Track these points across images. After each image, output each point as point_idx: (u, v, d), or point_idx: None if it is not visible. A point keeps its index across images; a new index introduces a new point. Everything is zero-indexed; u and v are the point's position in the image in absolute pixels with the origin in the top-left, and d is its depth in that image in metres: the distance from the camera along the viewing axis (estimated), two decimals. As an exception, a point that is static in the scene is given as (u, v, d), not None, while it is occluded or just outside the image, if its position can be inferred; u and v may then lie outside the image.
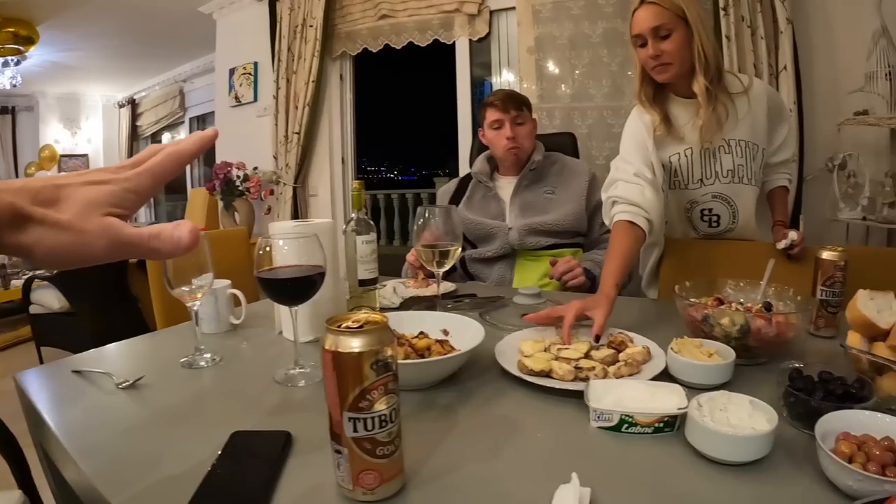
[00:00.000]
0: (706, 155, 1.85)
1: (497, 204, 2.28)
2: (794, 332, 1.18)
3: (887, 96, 2.77)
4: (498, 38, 4.07)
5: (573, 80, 3.68)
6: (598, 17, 3.56)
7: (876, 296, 1.08)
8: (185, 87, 7.88)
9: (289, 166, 4.62)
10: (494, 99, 2.30)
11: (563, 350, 1.15)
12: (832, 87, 3.12)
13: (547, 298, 1.57)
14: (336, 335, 0.68)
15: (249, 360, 1.33)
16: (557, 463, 0.81)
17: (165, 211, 9.08)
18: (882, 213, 2.88)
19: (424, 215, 1.49)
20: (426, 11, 4.08)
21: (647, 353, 1.15)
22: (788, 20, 2.98)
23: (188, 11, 5.36)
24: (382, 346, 0.69)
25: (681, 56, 1.70)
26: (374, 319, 0.72)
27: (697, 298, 1.37)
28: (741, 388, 0.98)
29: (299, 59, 4.50)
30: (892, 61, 2.76)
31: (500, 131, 2.26)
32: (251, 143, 4.98)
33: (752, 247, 1.94)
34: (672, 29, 1.68)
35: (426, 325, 1.26)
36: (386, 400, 0.70)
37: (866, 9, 2.87)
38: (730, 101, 1.80)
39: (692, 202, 1.93)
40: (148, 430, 0.96)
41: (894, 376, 0.95)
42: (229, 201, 4.79)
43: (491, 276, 2.21)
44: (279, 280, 1.08)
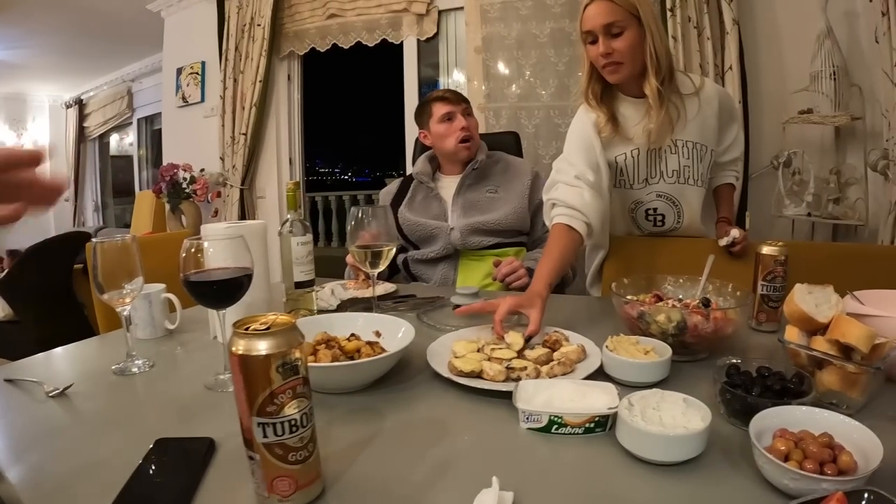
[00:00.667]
0: (652, 155, 1.83)
1: (439, 204, 2.25)
2: (733, 328, 1.16)
3: (832, 95, 2.81)
4: (446, 37, 4.05)
5: (521, 79, 3.68)
6: (546, 17, 3.57)
7: (814, 290, 1.07)
8: (133, 87, 7.67)
9: (236, 168, 4.53)
10: (441, 93, 2.29)
11: (496, 350, 1.12)
12: (777, 87, 3.16)
13: (485, 297, 1.54)
14: (242, 338, 0.66)
15: (182, 366, 1.29)
16: (483, 466, 0.78)
17: (114, 214, 8.85)
18: (827, 209, 2.91)
19: (358, 216, 1.45)
20: (374, 11, 4.04)
21: (581, 351, 1.12)
22: (735, 21, 3.01)
23: (136, 9, 5.22)
24: (290, 347, 0.66)
25: (632, 55, 1.66)
26: (282, 321, 0.69)
27: (636, 295, 1.36)
28: (678, 385, 0.96)
29: (246, 58, 4.41)
30: (837, 62, 2.79)
31: (453, 123, 2.23)
32: (198, 144, 4.88)
33: (694, 243, 1.93)
34: (624, 27, 1.63)
35: (358, 326, 1.23)
36: (296, 404, 0.67)
37: (812, 10, 2.91)
38: (680, 102, 1.77)
39: (637, 202, 1.92)
40: (74, 438, 0.92)
41: (834, 370, 0.95)
42: (176, 204, 4.68)
43: (434, 276, 2.19)
44: (204, 283, 1.04)
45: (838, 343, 0.96)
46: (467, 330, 1.31)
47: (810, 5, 2.93)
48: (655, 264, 1.86)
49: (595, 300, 1.90)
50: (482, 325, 1.32)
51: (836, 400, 0.94)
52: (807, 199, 2.91)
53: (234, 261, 1.05)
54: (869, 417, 0.87)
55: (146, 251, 1.23)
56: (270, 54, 4.34)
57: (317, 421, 0.71)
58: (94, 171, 8.68)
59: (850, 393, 0.93)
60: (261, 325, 0.68)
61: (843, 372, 0.93)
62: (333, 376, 1.02)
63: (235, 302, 1.08)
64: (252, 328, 0.67)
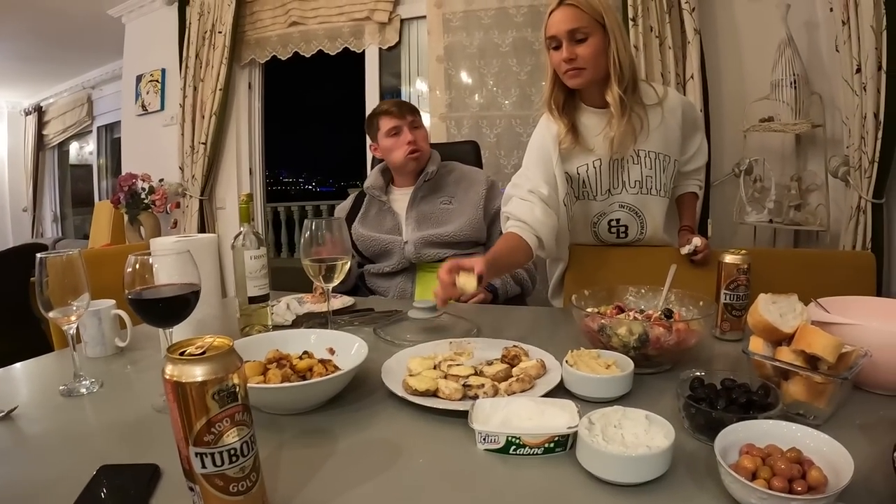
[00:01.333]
0: (614, 165, 1.80)
1: (392, 218, 2.22)
2: (696, 339, 1.14)
3: (792, 103, 2.84)
4: (408, 46, 4.03)
5: (483, 88, 3.67)
6: (509, 26, 3.56)
7: (778, 299, 1.06)
8: (93, 94, 7.49)
9: (195, 178, 4.44)
10: (387, 106, 2.25)
11: (452, 367, 1.08)
12: (738, 95, 3.18)
13: (443, 311, 1.50)
14: (176, 363, 0.62)
15: (131, 386, 1.23)
16: (439, 490, 0.75)
17: (73, 224, 8.66)
18: (788, 215, 2.94)
19: (311, 228, 1.40)
20: (337, 19, 4.01)
21: (541, 366, 1.09)
22: (696, 30, 3.02)
23: (97, 14, 5.09)
24: (227, 373, 0.62)
25: (595, 62, 1.64)
26: (219, 344, 0.65)
27: (597, 307, 1.33)
28: (642, 399, 0.94)
29: (207, 66, 4.33)
30: (797, 70, 2.83)
31: (399, 137, 2.20)
32: (157, 153, 4.78)
33: (656, 252, 1.92)
34: (589, 33, 1.62)
35: (312, 343, 1.19)
36: (236, 432, 0.63)
37: (772, 20, 2.94)
38: (643, 113, 1.75)
39: (600, 213, 1.88)
40: (16, 464, 0.87)
41: (800, 381, 0.93)
42: (134, 215, 4.58)
43: (391, 290, 2.15)
44: (149, 301, 1.00)
45: (804, 353, 0.94)
46: (424, 345, 1.28)
47: (771, 15, 2.97)
48: (617, 274, 1.84)
49: (557, 311, 1.88)
50: (439, 340, 1.29)
51: (803, 410, 0.92)
52: (768, 206, 2.94)
53: (181, 277, 1.01)
54: (837, 427, 0.86)
55: (101, 264, 1.19)
56: (231, 62, 4.27)
57: (266, 443, 0.67)
58: (52, 180, 8.46)
59: (817, 403, 0.91)
60: (196, 349, 0.64)
61: (809, 382, 0.91)
62: (284, 397, 0.98)
63: (182, 320, 1.04)
64: (187, 352, 0.63)
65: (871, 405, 0.99)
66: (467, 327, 1.50)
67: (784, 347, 0.99)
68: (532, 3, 3.49)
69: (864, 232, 2.60)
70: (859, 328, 1.04)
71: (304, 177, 32.31)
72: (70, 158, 8.49)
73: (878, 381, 1.03)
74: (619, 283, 1.42)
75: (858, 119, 2.54)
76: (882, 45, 2.41)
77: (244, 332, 1.50)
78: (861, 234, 2.61)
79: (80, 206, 8.63)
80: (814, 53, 3.03)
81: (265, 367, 1.03)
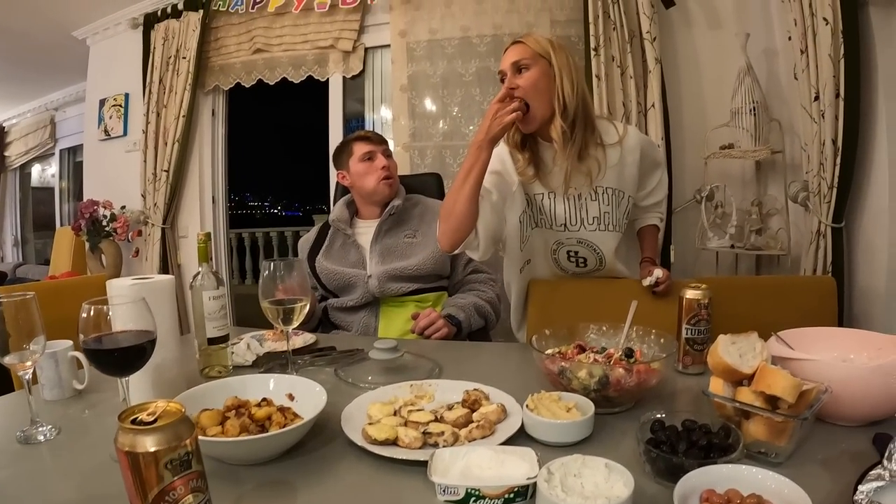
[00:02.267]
0: (572, 201, 1.83)
1: (357, 251, 2.20)
2: (658, 378, 1.14)
3: (752, 130, 2.88)
4: (372, 74, 4.03)
5: (446, 118, 3.67)
6: (472, 55, 3.57)
7: (738, 339, 1.06)
8: (56, 117, 7.35)
9: (157, 206, 4.36)
10: (363, 133, 2.26)
11: (413, 412, 1.07)
12: (699, 123, 3.23)
13: (405, 351, 1.49)
14: (127, 433, 0.61)
15: (89, 432, 1.19)
16: None
17: (34, 249, 8.47)
18: (750, 239, 2.98)
19: (269, 268, 1.38)
20: (301, 47, 3.98)
21: (501, 411, 1.08)
22: (657, 60, 3.06)
23: (62, 35, 4.98)
24: (180, 441, 0.61)
25: (534, 92, 1.67)
26: (171, 411, 0.63)
27: (558, 347, 1.33)
28: (604, 442, 0.93)
29: (170, 91, 4.27)
30: (757, 97, 2.87)
31: (373, 163, 2.19)
32: (120, 180, 4.68)
33: (619, 284, 1.94)
34: (530, 65, 1.68)
35: (271, 389, 1.17)
36: (191, 498, 0.62)
37: (732, 48, 2.99)
38: (602, 153, 1.77)
39: (558, 243, 1.91)
40: None
41: (761, 420, 0.93)
42: (95, 243, 4.47)
43: (355, 325, 2.12)
44: (103, 350, 0.97)
45: (764, 394, 0.95)
46: (385, 388, 1.26)
47: (730, 44, 3.02)
48: (580, 308, 1.86)
49: (519, 348, 1.86)
50: (400, 383, 1.28)
51: (765, 449, 0.93)
52: (730, 232, 2.97)
53: (136, 323, 0.99)
54: (799, 464, 0.88)
55: (59, 297, 1.15)
56: (195, 88, 4.22)
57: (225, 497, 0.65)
58: (13, 203, 8.25)
59: (778, 442, 0.92)
60: (148, 415, 0.63)
61: (770, 422, 0.92)
62: (242, 450, 0.96)
63: (138, 369, 1.02)
64: (139, 418, 0.62)
65: (834, 437, 1.00)
66: (429, 367, 1.48)
67: (744, 388, 1.00)
68: (495, 32, 3.51)
69: (825, 256, 2.63)
70: (819, 363, 1.05)
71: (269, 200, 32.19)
72: (32, 181, 8.31)
73: (840, 414, 1.05)
74: (583, 318, 1.42)
75: (817, 145, 2.58)
76: (840, 74, 2.46)
77: (204, 373, 1.47)
78: (822, 258, 2.65)
79: (41, 230, 8.43)
80: (773, 81, 3.09)
81: (224, 417, 1.01)
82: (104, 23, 4.83)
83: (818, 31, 2.51)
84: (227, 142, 4.60)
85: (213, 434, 0.96)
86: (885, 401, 1.02)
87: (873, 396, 1.02)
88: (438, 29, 3.60)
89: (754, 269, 3.16)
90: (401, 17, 3.66)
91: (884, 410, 1.04)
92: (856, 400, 1.02)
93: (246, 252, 7.25)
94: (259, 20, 4.05)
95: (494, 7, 3.51)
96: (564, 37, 3.40)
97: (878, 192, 2.57)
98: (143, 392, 1.22)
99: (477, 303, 2.09)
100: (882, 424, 1.03)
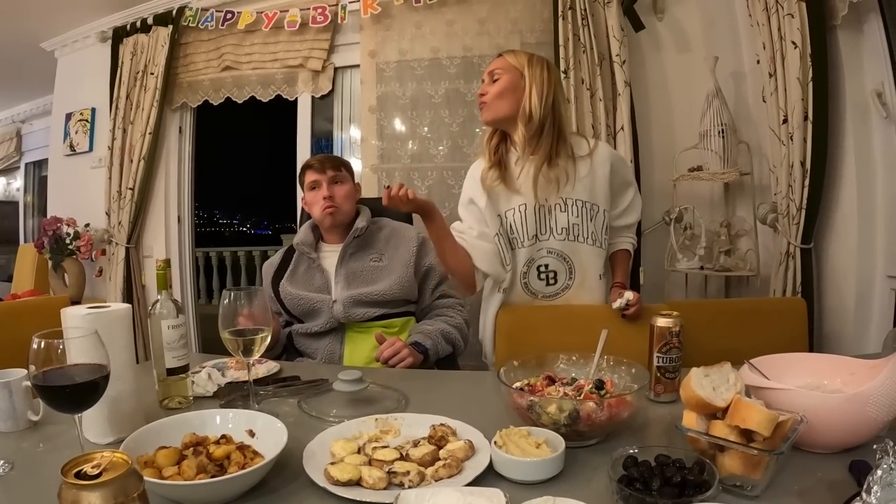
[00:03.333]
0: (542, 212, 1.93)
1: (321, 275, 2.15)
2: (629, 411, 1.13)
3: (720, 152, 2.91)
4: (342, 94, 4.01)
5: (415, 139, 3.66)
6: (442, 77, 3.57)
7: (710, 371, 1.04)
8: (23, 129, 7.21)
9: (122, 224, 4.26)
10: (312, 161, 2.23)
11: (377, 449, 1.04)
12: (668, 145, 3.26)
13: (370, 382, 1.46)
14: (70, 489, 0.58)
15: (43, 467, 1.13)
16: None
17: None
18: (719, 261, 3.00)
19: (229, 297, 1.34)
20: (270, 65, 3.95)
21: (469, 448, 1.06)
22: (626, 83, 3.09)
23: (30, 46, 4.87)
24: (127, 496, 0.59)
25: (500, 98, 1.88)
26: (116, 462, 0.61)
27: (527, 378, 1.30)
28: (575, 478, 0.91)
29: (137, 107, 4.19)
30: (725, 120, 2.91)
31: (317, 192, 2.16)
32: (84, 196, 4.58)
33: (589, 311, 1.94)
34: (502, 74, 1.89)
35: (231, 425, 1.14)
36: None
37: (700, 71, 3.03)
38: (572, 164, 1.91)
39: (529, 261, 1.97)
40: None
41: (736, 454, 0.92)
42: (59, 261, 4.37)
43: (320, 351, 2.07)
44: (54, 387, 0.94)
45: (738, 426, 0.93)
46: (349, 423, 1.23)
47: (699, 67, 3.06)
48: (549, 333, 1.87)
49: (488, 377, 1.80)
50: (364, 417, 1.25)
51: (740, 482, 0.92)
52: (699, 253, 2.99)
53: (90, 356, 0.95)
54: (775, 496, 0.88)
55: (19, 318, 1.09)
56: (162, 105, 4.15)
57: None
58: (-23, 216, 8.09)
59: (754, 475, 0.91)
60: (93, 467, 0.60)
61: (745, 455, 0.90)
62: (199, 494, 0.93)
63: (91, 406, 0.98)
64: (84, 471, 0.59)
65: (810, 465, 0.99)
66: (395, 398, 1.45)
67: (718, 421, 0.98)
68: (465, 54, 3.52)
69: (794, 277, 2.66)
70: (794, 393, 1.05)
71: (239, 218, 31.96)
72: (-4, 194, 8.15)
73: (816, 442, 1.04)
74: (553, 346, 1.40)
75: (786, 167, 2.61)
76: (808, 97, 2.50)
77: (163, 404, 1.42)
78: (791, 279, 2.67)
79: (4, 245, 8.22)
80: (741, 103, 3.13)
81: (181, 455, 0.98)
82: (73, 35, 4.74)
83: (787, 54, 2.55)
84: (194, 160, 4.52)
85: (170, 475, 0.93)
86: (860, 428, 1.03)
87: (849, 424, 1.02)
88: (408, 50, 3.61)
89: (724, 290, 3.18)
90: (371, 37, 3.66)
91: (859, 437, 1.04)
92: (832, 428, 1.02)
93: (213, 271, 7.14)
94: (229, 37, 4.01)
95: (465, 29, 3.52)
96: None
97: (847, 213, 2.61)
98: (99, 427, 1.18)
99: (444, 329, 2.05)
100: (857, 451, 1.03)
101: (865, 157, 2.55)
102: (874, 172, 2.54)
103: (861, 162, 2.56)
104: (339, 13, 3.69)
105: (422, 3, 3.47)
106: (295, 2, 3.83)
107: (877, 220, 2.54)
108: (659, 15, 3.34)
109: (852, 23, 2.49)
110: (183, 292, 4.53)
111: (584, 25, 3.13)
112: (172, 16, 4.08)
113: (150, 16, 4.19)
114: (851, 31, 2.52)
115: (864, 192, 2.55)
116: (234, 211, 31.46)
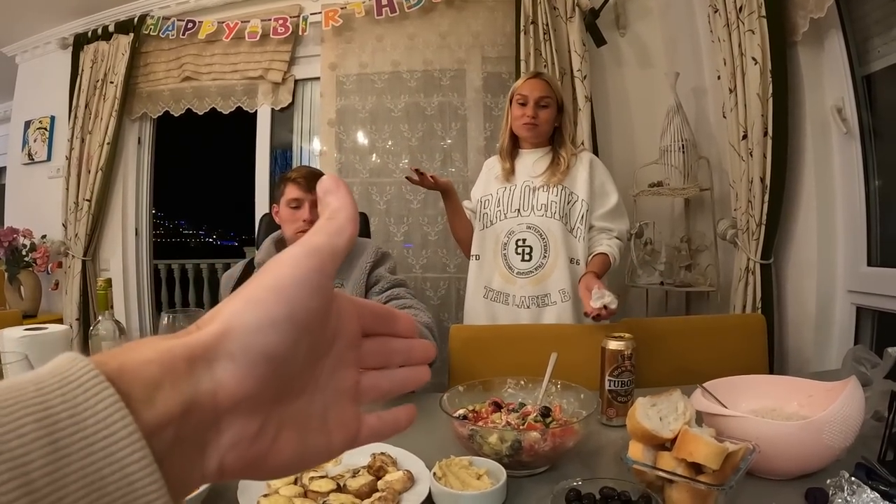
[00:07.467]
0: (527, 191, 2.22)
1: None
2: (575, 439, 1.10)
3: (681, 167, 2.92)
4: (302, 106, 3.98)
5: (373, 154, 3.65)
6: (402, 90, 3.56)
7: (658, 400, 1.02)
8: (-20, 136, 7.05)
9: (78, 237, 4.14)
10: (297, 175, 2.12)
11: (314, 479, 1.00)
12: (629, 161, 3.28)
13: None
14: None
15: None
16: None
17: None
18: (679, 276, 3.01)
19: (168, 319, 1.30)
20: (230, 77, 3.89)
21: (408, 479, 1.03)
22: (587, 98, 3.10)
23: None
24: None
25: (549, 125, 2.22)
26: None
27: (472, 404, 1.27)
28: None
29: (96, 117, 4.10)
30: (686, 135, 2.92)
31: (298, 212, 2.07)
32: (42, 207, 4.46)
33: (542, 331, 1.97)
34: (549, 104, 2.19)
35: None
36: None
37: (661, 87, 3.05)
38: (564, 158, 2.23)
39: (510, 232, 2.21)
40: None
41: (684, 487, 0.90)
42: (14, 273, 4.25)
43: None
44: None
45: (686, 460, 0.91)
46: None
47: (660, 82, 3.07)
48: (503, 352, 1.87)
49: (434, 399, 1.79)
50: None
51: None
52: (659, 269, 3.00)
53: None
54: None
55: None
56: (122, 115, 4.07)
57: None
58: (-68, 224, 7.85)
59: (703, 507, 0.88)
60: None
61: (693, 489, 0.88)
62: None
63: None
64: None
65: (764, 493, 0.98)
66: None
67: (666, 453, 0.96)
68: (426, 68, 3.52)
69: (754, 292, 2.65)
70: (748, 421, 1.03)
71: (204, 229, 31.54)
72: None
73: (770, 469, 1.03)
74: (505, 366, 1.38)
75: (745, 183, 2.62)
76: (768, 113, 2.50)
77: None
78: (751, 295, 2.67)
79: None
80: (702, 119, 3.15)
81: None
82: (34, 41, 4.63)
83: (747, 70, 2.55)
84: (153, 171, 4.43)
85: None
86: (816, 456, 1.02)
87: (804, 452, 1.01)
88: (369, 63, 3.59)
89: (684, 305, 3.18)
90: (332, 49, 3.64)
91: (815, 465, 1.03)
92: (787, 456, 1.01)
93: (175, 284, 6.98)
94: (189, 47, 3.96)
95: (426, 43, 3.51)
96: (496, 73, 3.44)
97: (806, 229, 2.62)
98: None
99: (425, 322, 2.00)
100: (813, 477, 1.02)
101: (825, 172, 2.56)
102: (833, 188, 2.55)
103: (820, 177, 2.57)
104: (301, 25, 3.68)
105: (383, 16, 3.46)
106: (256, 13, 3.80)
107: (837, 236, 2.55)
108: (621, 31, 3.36)
109: (813, 39, 2.50)
110: (140, 307, 4.44)
111: (545, 40, 3.14)
112: (134, 24, 4.02)
113: (112, 23, 4.11)
114: (812, 47, 2.54)
115: (823, 208, 2.56)
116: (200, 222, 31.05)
